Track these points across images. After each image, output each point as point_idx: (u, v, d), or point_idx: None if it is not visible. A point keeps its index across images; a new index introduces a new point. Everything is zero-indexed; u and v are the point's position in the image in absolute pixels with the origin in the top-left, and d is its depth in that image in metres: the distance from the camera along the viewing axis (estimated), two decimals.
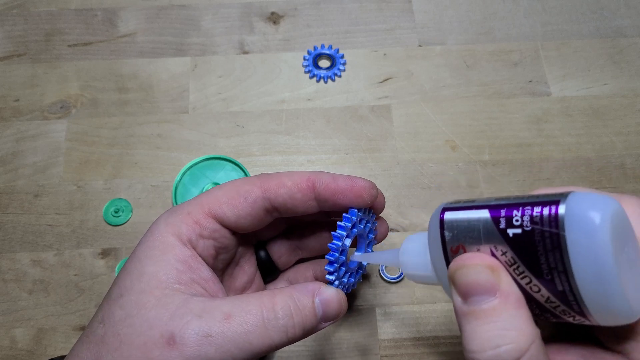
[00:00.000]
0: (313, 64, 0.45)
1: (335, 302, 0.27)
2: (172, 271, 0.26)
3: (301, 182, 0.28)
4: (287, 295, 0.26)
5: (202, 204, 0.27)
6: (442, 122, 0.43)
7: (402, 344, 0.36)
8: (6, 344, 0.36)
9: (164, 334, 0.24)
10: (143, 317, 0.24)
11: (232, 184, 0.28)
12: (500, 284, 0.21)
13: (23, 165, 0.42)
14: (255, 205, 0.28)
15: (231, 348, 0.24)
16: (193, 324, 0.24)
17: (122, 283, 0.26)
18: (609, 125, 0.43)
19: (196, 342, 0.23)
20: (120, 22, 0.47)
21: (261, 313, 0.25)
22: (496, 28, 0.47)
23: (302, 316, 0.26)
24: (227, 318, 0.24)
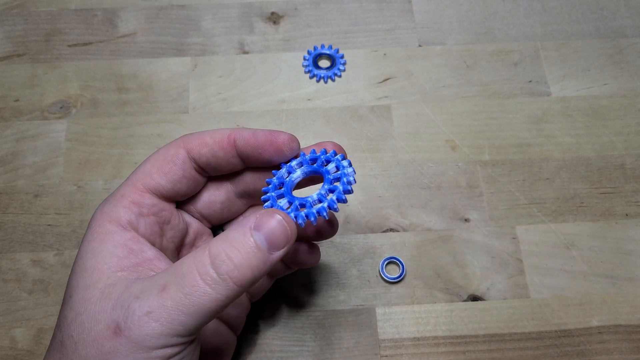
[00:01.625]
0: (313, 64, 0.45)
1: (278, 226, 0.24)
2: (113, 259, 0.25)
3: (222, 139, 0.27)
4: (221, 240, 0.23)
5: (134, 182, 0.27)
6: (442, 122, 0.43)
7: (402, 344, 0.36)
8: (6, 344, 0.36)
9: (110, 325, 0.23)
10: (89, 313, 0.24)
11: (156, 153, 0.28)
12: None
13: (23, 165, 0.42)
14: (185, 166, 0.27)
15: (176, 316, 0.22)
16: (133, 306, 0.23)
17: (69, 284, 0.25)
18: (609, 125, 0.43)
19: (139, 323, 0.22)
20: (120, 22, 0.47)
21: (195, 269, 0.23)
22: (496, 28, 0.47)
23: (243, 255, 0.23)
24: (163, 289, 0.23)
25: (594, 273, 0.38)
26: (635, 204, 0.41)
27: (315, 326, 0.37)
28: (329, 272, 0.39)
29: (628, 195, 0.41)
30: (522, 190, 0.41)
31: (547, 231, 0.40)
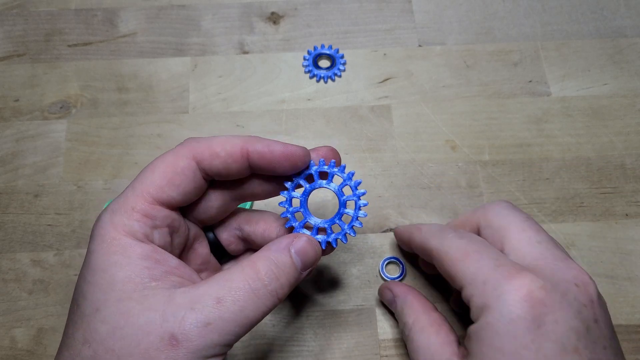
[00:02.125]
0: (313, 64, 0.45)
1: (310, 250, 0.27)
2: (144, 270, 0.25)
3: (234, 151, 0.27)
4: (267, 259, 0.26)
5: (143, 194, 0.26)
6: (442, 122, 0.43)
7: (402, 344, 0.36)
8: (6, 344, 0.36)
9: (164, 336, 0.23)
10: (134, 326, 0.23)
11: (163, 163, 0.27)
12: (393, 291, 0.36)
13: (23, 165, 0.42)
14: (196, 178, 0.27)
15: (231, 327, 0.24)
16: (189, 318, 0.23)
17: (91, 297, 0.24)
18: (609, 125, 0.43)
19: (198, 334, 0.23)
20: (120, 22, 0.47)
21: (249, 285, 0.25)
22: (496, 28, 0.47)
23: (285, 274, 0.26)
24: (219, 302, 0.24)
25: (594, 273, 0.38)
26: (635, 204, 0.41)
27: (315, 326, 0.37)
28: (329, 272, 0.39)
29: (628, 195, 0.41)
30: (522, 190, 0.41)
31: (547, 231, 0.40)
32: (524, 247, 0.29)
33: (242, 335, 0.25)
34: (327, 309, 0.37)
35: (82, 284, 0.25)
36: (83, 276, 0.25)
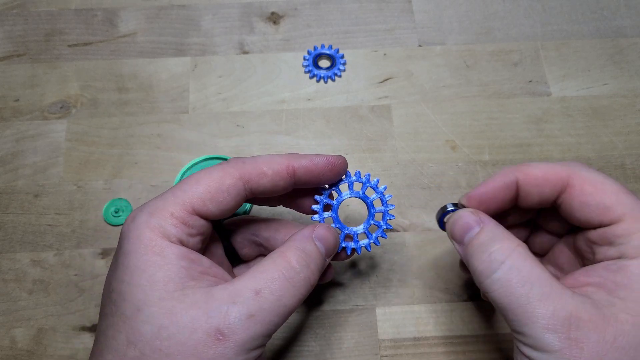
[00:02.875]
0: (313, 64, 0.45)
1: (330, 237, 0.29)
2: (182, 270, 0.25)
3: (281, 169, 0.28)
4: (295, 249, 0.27)
5: (184, 203, 0.27)
6: (442, 122, 0.43)
7: (402, 344, 0.36)
8: (6, 344, 0.36)
9: (210, 331, 0.24)
10: (179, 324, 0.24)
11: (210, 178, 0.27)
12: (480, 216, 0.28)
13: (23, 165, 0.42)
14: (238, 197, 0.28)
15: (272, 317, 0.25)
16: (232, 311, 0.24)
17: (131, 297, 0.25)
18: (609, 125, 0.43)
19: (243, 326, 0.24)
20: (120, 22, 0.47)
21: (283, 275, 0.26)
22: (496, 28, 0.47)
23: (314, 261, 0.27)
24: (258, 293, 0.25)
25: None
26: None
27: (315, 326, 0.37)
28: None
29: None
30: None
31: None
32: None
33: (281, 324, 0.26)
34: (327, 309, 0.37)
35: (119, 285, 0.25)
36: (118, 277, 0.26)
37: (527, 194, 0.29)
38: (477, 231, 0.27)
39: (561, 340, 0.23)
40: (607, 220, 0.26)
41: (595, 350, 0.23)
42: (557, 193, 0.28)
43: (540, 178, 0.28)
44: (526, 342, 0.24)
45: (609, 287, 0.25)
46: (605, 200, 0.26)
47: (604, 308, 0.24)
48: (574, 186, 0.27)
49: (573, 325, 0.23)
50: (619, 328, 0.23)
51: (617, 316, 0.24)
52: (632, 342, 0.23)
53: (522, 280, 0.25)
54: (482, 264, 0.26)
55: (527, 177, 0.28)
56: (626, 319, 0.23)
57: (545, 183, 0.28)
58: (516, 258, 0.25)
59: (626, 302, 0.24)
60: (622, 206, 0.26)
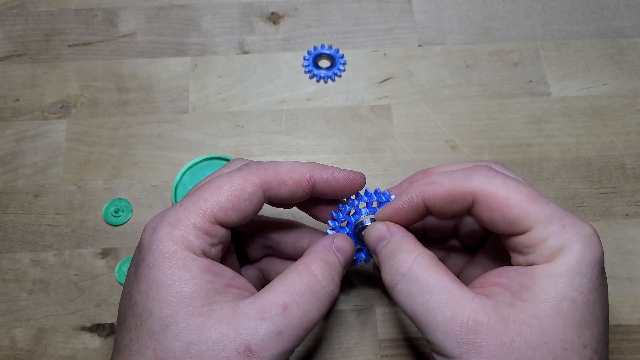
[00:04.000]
0: (313, 64, 0.45)
1: (348, 247, 0.29)
2: (207, 284, 0.25)
3: (302, 181, 0.29)
4: (320, 261, 0.27)
5: (206, 213, 0.26)
6: (442, 122, 0.43)
7: (402, 344, 0.36)
8: (6, 344, 0.36)
9: (239, 348, 0.24)
10: (208, 342, 0.24)
11: (231, 185, 0.27)
12: (389, 229, 0.28)
13: (23, 165, 0.42)
14: (258, 205, 0.28)
15: (298, 332, 0.25)
16: (261, 328, 0.24)
17: (158, 313, 0.25)
18: (609, 125, 0.43)
19: (272, 343, 0.24)
20: (120, 22, 0.47)
21: (309, 289, 0.26)
22: (496, 28, 0.47)
23: (337, 273, 0.28)
24: (285, 309, 0.25)
25: None
26: (635, 204, 0.41)
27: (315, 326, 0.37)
28: None
29: (628, 195, 0.41)
30: None
31: None
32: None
33: (305, 338, 0.26)
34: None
35: (144, 300, 0.25)
36: (143, 291, 0.25)
37: (437, 211, 0.29)
38: (384, 243, 0.28)
39: (460, 346, 0.24)
40: (516, 232, 0.26)
41: (493, 353, 0.23)
42: (466, 209, 0.28)
43: (445, 197, 0.27)
44: (433, 349, 0.25)
45: (513, 289, 0.25)
46: (511, 214, 0.26)
47: (503, 309, 0.24)
48: (479, 202, 0.27)
49: (471, 329, 0.24)
50: (516, 330, 0.24)
51: (515, 318, 0.24)
52: (530, 343, 0.23)
53: (421, 290, 0.25)
54: (387, 276, 0.27)
55: (432, 199, 0.28)
56: (524, 320, 0.24)
57: (452, 201, 0.27)
58: (415, 269, 0.26)
59: (526, 303, 0.24)
60: (528, 217, 0.26)
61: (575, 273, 0.25)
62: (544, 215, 0.26)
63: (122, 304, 0.27)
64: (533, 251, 0.26)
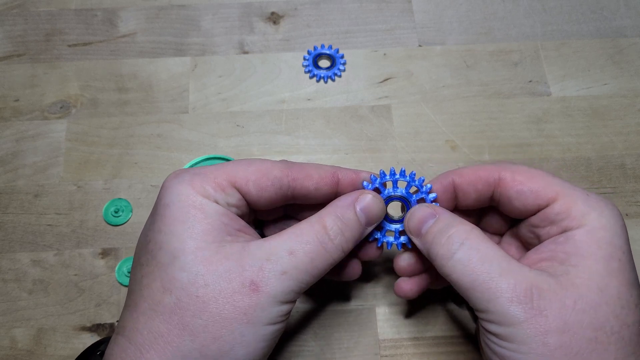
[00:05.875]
0: (313, 64, 0.45)
1: (374, 207, 0.29)
2: (220, 225, 0.26)
3: (327, 176, 0.30)
4: (334, 215, 0.28)
5: (229, 174, 0.28)
6: (442, 122, 0.43)
7: (402, 344, 0.36)
8: (6, 344, 0.36)
9: (245, 282, 0.25)
10: (215, 273, 0.25)
11: (262, 164, 0.29)
12: (435, 210, 0.29)
13: (23, 165, 0.42)
14: (279, 192, 0.29)
15: (304, 276, 0.26)
16: (266, 267, 0.25)
17: (168, 246, 0.26)
18: (609, 125, 0.43)
19: (276, 281, 0.25)
20: (120, 22, 0.47)
21: (318, 239, 0.27)
22: (496, 28, 0.47)
23: (350, 229, 0.28)
24: (292, 253, 0.26)
25: None
26: (635, 204, 0.41)
27: (315, 326, 0.37)
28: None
29: (628, 195, 0.41)
30: None
31: None
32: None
33: (312, 283, 0.27)
34: (327, 309, 0.37)
35: (157, 236, 0.26)
36: (156, 229, 0.26)
37: (464, 193, 0.30)
38: (434, 221, 0.28)
39: (526, 311, 0.24)
40: (544, 202, 0.28)
41: (559, 316, 0.24)
42: (491, 188, 0.30)
43: (473, 176, 0.30)
44: (491, 319, 0.25)
45: (560, 258, 0.26)
46: (537, 185, 0.28)
47: (560, 277, 0.25)
48: (506, 178, 0.29)
49: (535, 295, 0.24)
50: (576, 292, 0.24)
51: (573, 282, 0.25)
52: (591, 303, 0.24)
53: (481, 258, 0.26)
54: (442, 247, 0.27)
55: (461, 177, 0.30)
56: (582, 283, 0.25)
57: (478, 180, 0.30)
58: (474, 239, 0.27)
59: (578, 268, 0.25)
60: (554, 186, 0.28)
61: (613, 233, 0.26)
62: (567, 185, 0.28)
63: (138, 247, 0.28)
64: (565, 217, 0.27)
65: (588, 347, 0.24)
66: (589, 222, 0.26)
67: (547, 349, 0.24)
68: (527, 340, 0.24)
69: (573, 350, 0.24)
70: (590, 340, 0.24)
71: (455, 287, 0.27)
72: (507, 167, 0.29)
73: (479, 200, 0.30)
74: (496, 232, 0.34)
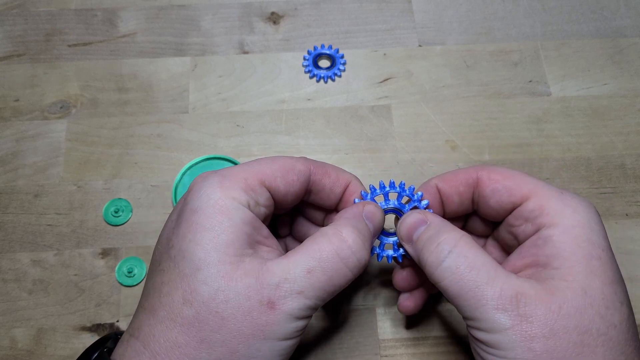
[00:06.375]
0: (313, 64, 0.45)
1: (378, 216, 0.30)
2: (244, 236, 0.26)
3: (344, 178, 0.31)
4: (351, 227, 0.28)
5: (257, 174, 0.28)
6: (442, 122, 0.43)
7: (402, 344, 0.36)
8: (6, 344, 0.36)
9: (263, 300, 0.25)
10: (235, 290, 0.25)
11: (285, 160, 0.29)
12: (426, 216, 0.29)
13: (23, 165, 0.42)
14: (303, 186, 0.29)
15: (321, 294, 0.26)
16: (284, 286, 0.25)
17: (192, 256, 0.25)
18: (609, 125, 0.43)
19: (293, 300, 0.25)
20: (120, 22, 0.47)
21: (337, 255, 0.26)
22: (496, 28, 0.47)
23: (368, 240, 0.28)
24: (309, 272, 0.26)
25: None
26: (635, 204, 0.41)
27: (315, 326, 0.37)
28: None
29: (628, 195, 0.41)
30: None
31: None
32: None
33: (328, 299, 0.27)
34: (327, 309, 0.37)
35: (181, 242, 0.26)
36: (181, 234, 0.26)
37: (447, 197, 0.31)
38: (425, 227, 0.29)
39: (512, 318, 0.24)
40: (517, 199, 0.28)
41: (544, 322, 0.24)
42: (471, 189, 0.30)
43: (453, 179, 0.30)
44: (479, 327, 0.25)
45: (542, 262, 0.26)
46: (512, 182, 0.29)
47: (545, 282, 0.25)
48: (482, 178, 0.30)
49: (521, 302, 0.25)
50: (562, 297, 0.25)
51: (557, 285, 0.25)
52: (577, 306, 0.24)
53: (469, 266, 0.26)
54: (431, 255, 0.27)
55: (443, 182, 0.31)
56: (566, 286, 0.25)
57: (459, 182, 0.30)
58: (462, 246, 0.27)
59: (560, 270, 0.26)
60: (528, 184, 0.28)
61: (589, 230, 0.26)
62: (541, 183, 0.28)
63: (158, 249, 0.28)
64: (539, 214, 0.27)
65: (574, 350, 0.24)
66: (564, 220, 0.26)
67: (533, 355, 0.24)
68: (513, 346, 0.24)
69: (559, 355, 0.24)
70: (577, 344, 0.24)
71: (444, 294, 0.27)
72: (485, 167, 0.30)
73: (462, 205, 0.31)
74: (480, 235, 0.34)
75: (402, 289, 0.33)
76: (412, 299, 0.33)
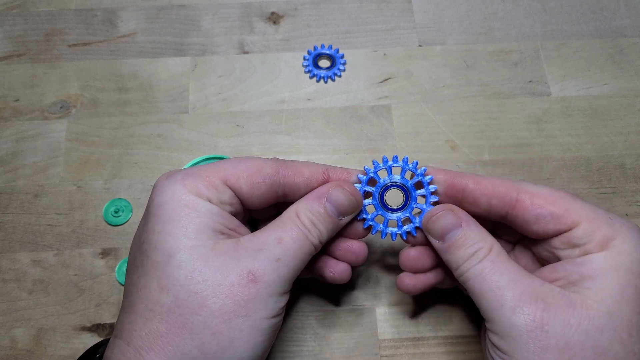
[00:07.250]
0: (313, 64, 0.45)
1: (344, 199, 0.30)
2: (213, 224, 0.27)
3: (318, 173, 0.30)
4: (305, 209, 0.29)
5: (220, 171, 0.28)
6: (442, 122, 0.43)
7: (402, 344, 0.36)
8: (6, 344, 0.36)
9: (242, 273, 0.25)
10: (212, 267, 0.25)
11: (253, 162, 0.29)
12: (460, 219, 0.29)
13: (23, 165, 0.42)
14: (271, 189, 0.29)
15: (295, 262, 0.27)
16: (260, 256, 0.26)
17: (162, 245, 0.26)
18: (609, 125, 0.43)
19: (272, 268, 0.26)
20: (120, 22, 0.47)
21: (299, 228, 0.28)
22: (496, 28, 0.47)
23: (322, 222, 0.29)
24: (280, 241, 0.27)
25: None
26: (635, 204, 0.41)
27: (315, 326, 0.37)
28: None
29: (628, 195, 0.41)
30: None
31: None
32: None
33: (301, 269, 0.28)
34: (327, 309, 0.37)
35: (150, 236, 0.26)
36: (150, 229, 0.27)
37: (473, 201, 0.30)
38: (461, 231, 0.29)
39: (527, 323, 0.24)
40: (564, 227, 0.27)
41: (560, 334, 0.24)
42: (506, 208, 0.29)
43: (490, 189, 0.29)
44: (495, 330, 0.25)
45: (574, 279, 0.26)
46: (558, 209, 0.28)
47: (571, 295, 0.25)
48: (524, 201, 0.28)
49: (539, 307, 0.25)
50: (584, 313, 0.24)
51: (582, 302, 0.25)
52: (598, 326, 0.24)
53: (493, 269, 0.27)
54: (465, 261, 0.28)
55: (477, 186, 0.30)
56: (591, 305, 0.25)
57: (494, 195, 0.29)
58: (494, 253, 0.27)
59: (591, 290, 0.25)
60: (575, 210, 0.27)
61: (633, 259, 0.26)
62: (589, 208, 0.27)
63: (132, 249, 0.28)
64: (588, 241, 0.27)
65: None
66: (610, 247, 0.26)
67: None
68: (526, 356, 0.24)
69: None
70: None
71: (469, 293, 0.27)
72: (527, 188, 0.29)
73: (488, 213, 0.30)
74: (508, 241, 0.33)
75: (408, 269, 0.32)
76: (414, 278, 0.32)
